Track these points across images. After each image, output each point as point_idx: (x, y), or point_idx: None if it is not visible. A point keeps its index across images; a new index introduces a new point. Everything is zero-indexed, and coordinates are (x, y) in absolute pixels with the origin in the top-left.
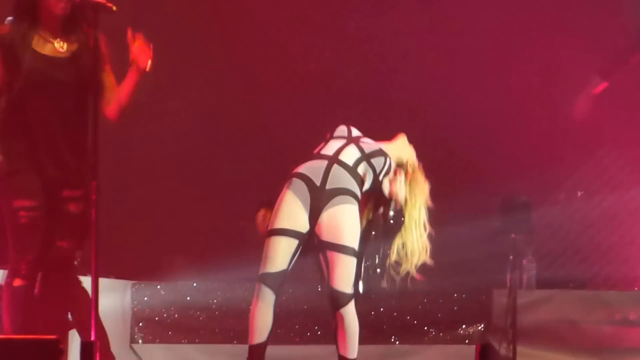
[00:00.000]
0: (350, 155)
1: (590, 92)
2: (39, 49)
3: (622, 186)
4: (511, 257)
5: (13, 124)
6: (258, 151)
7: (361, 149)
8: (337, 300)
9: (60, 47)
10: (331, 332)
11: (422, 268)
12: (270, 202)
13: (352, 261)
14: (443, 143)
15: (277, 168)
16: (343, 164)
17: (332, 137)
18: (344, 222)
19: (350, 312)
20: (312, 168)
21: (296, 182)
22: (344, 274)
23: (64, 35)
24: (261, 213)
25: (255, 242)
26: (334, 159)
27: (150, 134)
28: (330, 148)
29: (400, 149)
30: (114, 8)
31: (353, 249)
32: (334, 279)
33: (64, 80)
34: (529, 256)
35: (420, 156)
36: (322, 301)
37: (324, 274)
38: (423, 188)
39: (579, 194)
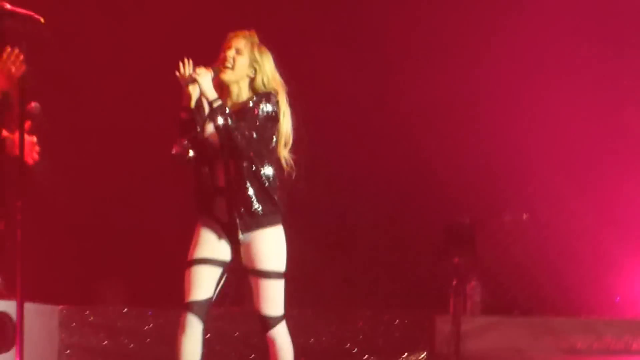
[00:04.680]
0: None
1: None
2: None
3: (568, 209)
4: (454, 282)
5: None
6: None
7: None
8: (264, 324)
9: None
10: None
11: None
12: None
13: (274, 284)
14: (385, 165)
15: None
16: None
17: None
18: (263, 246)
19: (280, 335)
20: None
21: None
22: (268, 298)
23: None
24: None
25: None
26: None
27: (82, 155)
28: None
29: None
30: (42, 20)
31: (276, 273)
32: (259, 302)
33: None
34: (473, 281)
35: (360, 178)
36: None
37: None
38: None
39: (524, 216)
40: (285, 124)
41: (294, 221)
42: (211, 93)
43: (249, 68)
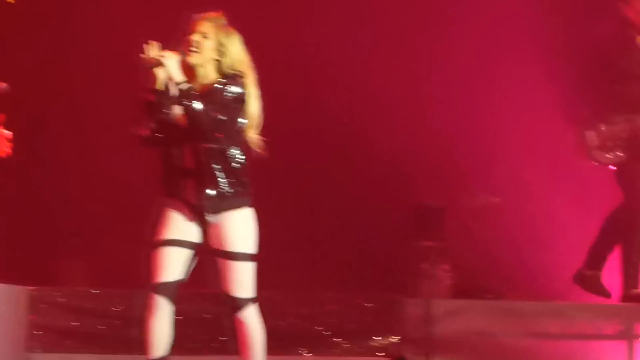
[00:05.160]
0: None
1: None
2: None
3: (540, 193)
4: (425, 265)
5: None
6: None
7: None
8: (233, 306)
9: None
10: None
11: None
12: None
13: (244, 266)
14: (355, 147)
15: None
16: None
17: None
18: (231, 228)
19: (249, 317)
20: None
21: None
22: (236, 280)
23: None
24: None
25: None
26: None
27: (54, 127)
28: None
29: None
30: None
31: (245, 254)
32: (226, 284)
33: None
34: (443, 265)
35: (329, 160)
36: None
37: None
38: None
39: (495, 200)
40: (253, 105)
41: (264, 203)
42: (178, 75)
43: (215, 51)
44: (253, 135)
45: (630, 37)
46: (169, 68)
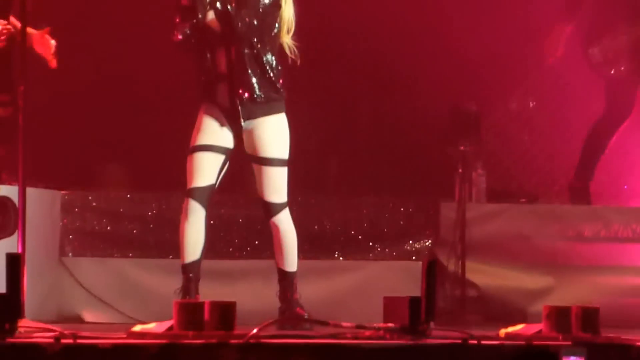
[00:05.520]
0: None
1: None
2: None
3: (574, 96)
4: (460, 169)
5: None
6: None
7: None
8: (267, 210)
9: None
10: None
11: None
12: None
13: (278, 172)
14: (390, 51)
15: None
16: None
17: None
18: (266, 133)
19: (283, 222)
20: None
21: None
22: (271, 185)
23: None
24: None
25: None
26: None
27: (81, 37)
28: None
29: None
30: None
31: (279, 160)
32: (262, 189)
33: None
34: (478, 169)
35: (364, 64)
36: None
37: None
38: None
39: (531, 104)
40: (288, 10)
41: (297, 108)
42: None
43: None
44: (287, 40)
45: None
46: None
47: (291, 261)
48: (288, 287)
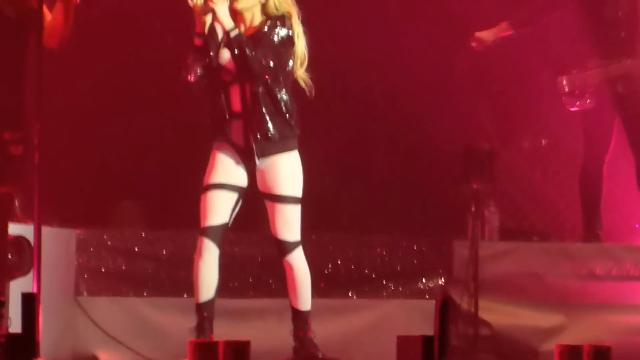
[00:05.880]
0: None
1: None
2: None
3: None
4: (473, 207)
5: None
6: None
7: None
8: (280, 249)
9: None
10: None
11: None
12: None
13: (291, 209)
14: (403, 89)
15: None
16: None
17: None
18: (280, 171)
19: (297, 260)
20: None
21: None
22: (284, 223)
23: None
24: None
25: None
26: None
27: (95, 74)
28: None
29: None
30: None
31: (293, 197)
32: (275, 227)
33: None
34: (491, 207)
35: (378, 102)
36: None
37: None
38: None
39: (544, 142)
40: (300, 45)
41: (311, 145)
42: (228, 22)
43: None
44: (301, 73)
45: None
46: (219, 14)
47: (305, 300)
48: (302, 326)
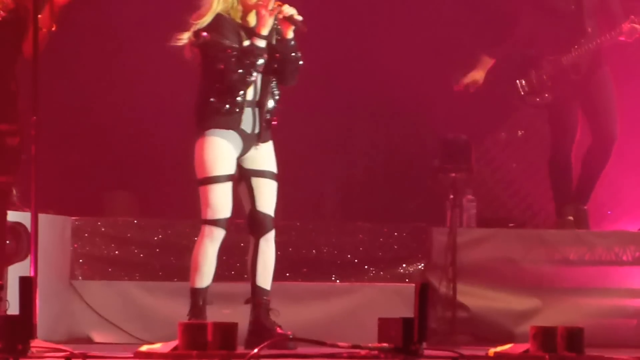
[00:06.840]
0: None
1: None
2: None
3: None
4: (451, 196)
5: None
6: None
7: None
8: (262, 225)
9: None
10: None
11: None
12: None
13: (275, 186)
14: (383, 78)
15: None
16: None
17: None
18: (272, 153)
19: (272, 240)
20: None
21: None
22: (272, 198)
23: None
24: None
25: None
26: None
27: (92, 66)
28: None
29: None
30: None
31: (274, 174)
32: (263, 202)
33: None
34: (468, 195)
35: (359, 93)
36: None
37: (247, 202)
38: None
39: (519, 133)
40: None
41: (295, 135)
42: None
43: None
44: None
45: None
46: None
47: (270, 279)
48: (267, 304)
